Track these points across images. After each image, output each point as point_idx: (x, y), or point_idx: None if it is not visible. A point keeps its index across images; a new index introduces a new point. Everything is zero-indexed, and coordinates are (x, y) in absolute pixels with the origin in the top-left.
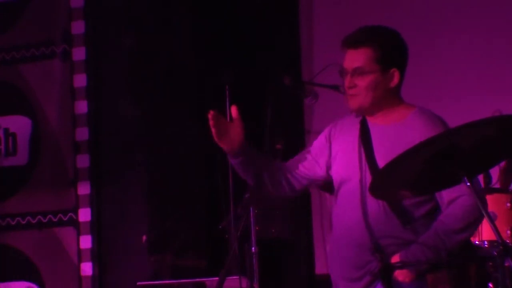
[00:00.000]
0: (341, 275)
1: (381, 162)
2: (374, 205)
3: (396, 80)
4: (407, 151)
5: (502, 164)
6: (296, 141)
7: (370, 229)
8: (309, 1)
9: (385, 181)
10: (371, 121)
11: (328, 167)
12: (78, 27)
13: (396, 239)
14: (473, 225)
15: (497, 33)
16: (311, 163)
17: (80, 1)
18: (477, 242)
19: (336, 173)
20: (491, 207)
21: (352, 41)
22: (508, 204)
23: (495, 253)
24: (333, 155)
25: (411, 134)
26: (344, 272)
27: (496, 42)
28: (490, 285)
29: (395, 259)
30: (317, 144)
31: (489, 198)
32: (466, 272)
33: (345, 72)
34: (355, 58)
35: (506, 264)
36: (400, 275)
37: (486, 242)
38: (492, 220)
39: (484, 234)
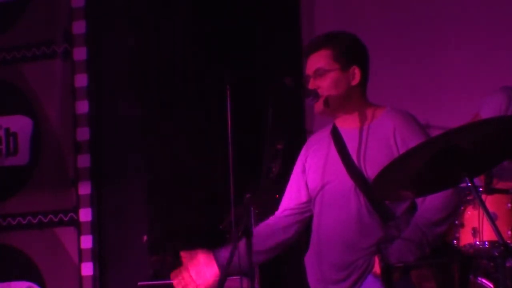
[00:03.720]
0: (325, 278)
1: (357, 164)
2: (356, 204)
3: (357, 77)
4: (408, 152)
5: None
6: (297, 141)
7: (354, 228)
8: (310, 1)
9: (386, 182)
10: (342, 127)
11: (307, 184)
12: (79, 27)
13: (380, 237)
14: (452, 215)
15: (499, 34)
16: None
17: (81, 1)
18: (477, 242)
19: (313, 182)
20: (491, 208)
21: (312, 47)
22: (509, 205)
23: (496, 254)
24: (307, 170)
25: (383, 132)
26: (328, 274)
27: (498, 43)
28: (491, 285)
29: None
30: (294, 176)
31: (490, 198)
32: (449, 269)
33: (308, 77)
34: (316, 61)
35: (507, 265)
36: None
37: (487, 243)
38: (493, 221)
39: (485, 234)
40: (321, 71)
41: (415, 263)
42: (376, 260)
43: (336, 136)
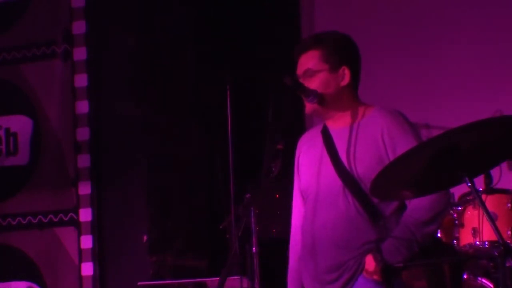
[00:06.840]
0: (319, 278)
1: (347, 164)
2: (345, 204)
3: (347, 78)
4: (408, 152)
5: None
6: (297, 141)
7: (344, 229)
8: (310, 1)
9: (386, 181)
10: (332, 127)
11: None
12: (79, 27)
13: (369, 237)
14: (440, 215)
15: (499, 34)
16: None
17: (81, 1)
18: (477, 242)
19: (304, 182)
20: (491, 208)
21: (301, 48)
22: (509, 205)
23: (496, 254)
24: (300, 170)
25: (371, 131)
26: (320, 274)
27: (498, 42)
28: (491, 285)
29: (370, 257)
30: (296, 181)
31: (489, 198)
32: (440, 268)
33: (298, 77)
34: (305, 62)
35: (507, 265)
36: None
37: (486, 243)
38: (493, 221)
39: (485, 234)
40: (310, 72)
41: (413, 263)
42: (367, 260)
43: (326, 136)
